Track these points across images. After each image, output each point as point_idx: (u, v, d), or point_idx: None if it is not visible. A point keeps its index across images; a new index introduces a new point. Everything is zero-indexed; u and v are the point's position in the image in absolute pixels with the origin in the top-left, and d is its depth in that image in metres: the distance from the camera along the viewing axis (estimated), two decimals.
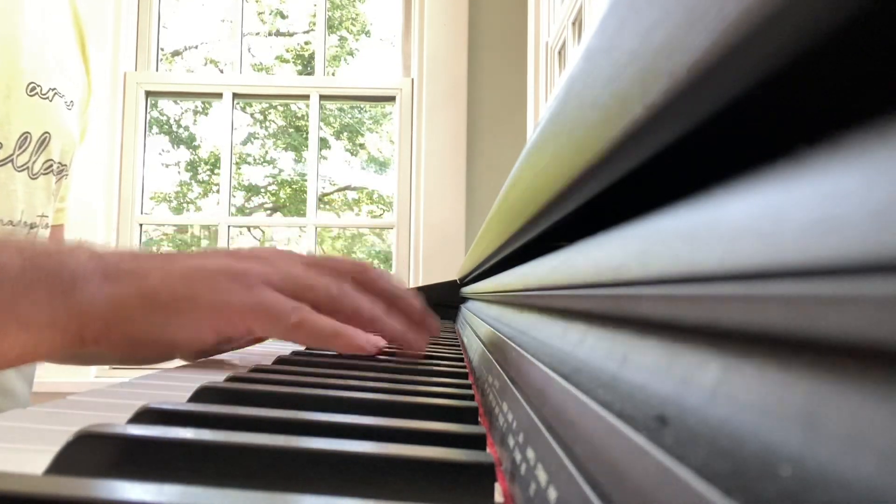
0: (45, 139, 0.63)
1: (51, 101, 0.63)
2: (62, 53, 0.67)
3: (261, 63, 3.88)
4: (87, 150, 1.73)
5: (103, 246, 0.41)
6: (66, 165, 0.68)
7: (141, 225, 1.87)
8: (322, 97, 1.94)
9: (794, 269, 0.07)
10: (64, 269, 0.36)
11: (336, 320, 0.42)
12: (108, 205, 1.79)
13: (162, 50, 2.11)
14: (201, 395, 0.26)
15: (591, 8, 1.24)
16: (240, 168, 3.72)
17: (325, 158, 3.88)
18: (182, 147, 3.94)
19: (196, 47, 3.69)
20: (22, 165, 0.61)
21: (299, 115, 3.82)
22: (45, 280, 0.35)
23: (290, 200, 3.93)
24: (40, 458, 0.18)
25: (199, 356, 0.47)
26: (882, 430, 0.06)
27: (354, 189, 4.09)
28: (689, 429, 0.09)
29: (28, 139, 0.61)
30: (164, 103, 3.60)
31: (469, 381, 0.35)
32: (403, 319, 0.45)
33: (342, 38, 3.93)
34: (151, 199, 3.55)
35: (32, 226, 0.64)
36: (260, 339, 0.53)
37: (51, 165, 0.65)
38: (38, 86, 0.62)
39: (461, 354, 0.51)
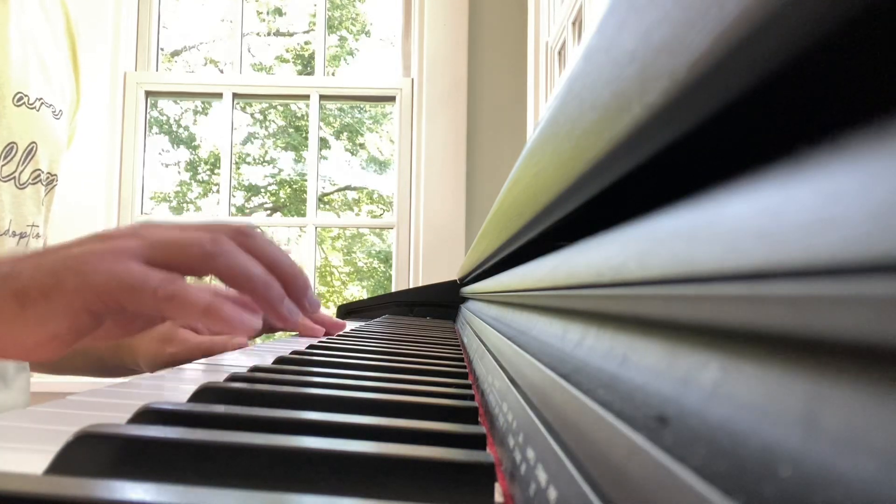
0: (31, 149, 0.63)
1: (38, 110, 0.63)
2: (51, 62, 0.67)
3: (261, 63, 3.88)
4: (86, 150, 1.73)
5: None
6: (55, 175, 0.68)
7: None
8: (322, 97, 1.94)
9: (794, 269, 0.07)
10: None
11: (213, 279, 0.40)
12: (108, 205, 1.79)
13: (162, 50, 2.11)
14: (201, 395, 0.26)
15: (591, 8, 1.24)
16: (240, 168, 3.73)
17: (325, 158, 3.88)
18: (182, 147, 3.95)
19: (196, 47, 3.69)
20: (8, 175, 0.62)
21: (299, 115, 3.82)
22: None
23: (290, 200, 3.94)
24: (40, 458, 0.18)
25: (127, 335, 0.46)
26: (882, 430, 0.06)
27: (354, 189, 4.09)
28: (689, 429, 0.09)
29: (14, 149, 0.61)
30: (164, 103, 3.60)
31: (469, 381, 0.35)
32: (283, 288, 0.42)
33: (342, 38, 3.93)
34: (151, 198, 3.55)
35: (22, 235, 0.65)
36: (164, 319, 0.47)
37: (38, 175, 0.65)
38: (25, 96, 0.62)
39: (461, 354, 0.51)
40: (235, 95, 1.95)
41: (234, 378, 0.31)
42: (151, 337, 0.63)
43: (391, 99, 1.93)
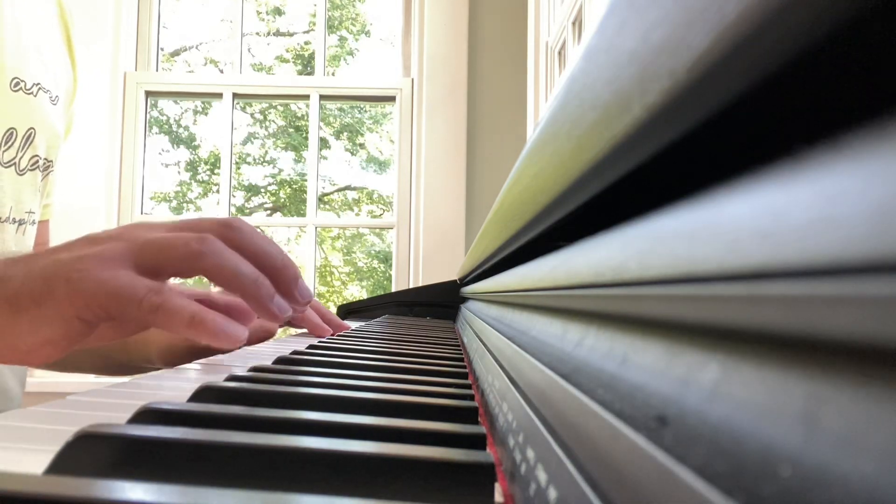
0: (30, 134, 0.63)
1: (35, 95, 0.63)
2: (46, 48, 0.67)
3: (261, 63, 3.88)
4: (87, 150, 1.73)
5: None
6: (51, 161, 0.68)
7: None
8: (322, 97, 1.94)
9: (794, 269, 0.07)
10: None
11: (202, 278, 0.40)
12: (108, 205, 1.79)
13: (162, 50, 2.11)
14: (201, 395, 0.26)
15: (591, 8, 1.24)
16: (240, 168, 3.73)
17: (325, 158, 3.89)
18: (182, 147, 3.95)
19: (196, 47, 3.69)
20: (9, 161, 0.62)
21: (299, 115, 3.82)
22: None
23: (290, 200, 3.94)
24: (40, 458, 0.18)
25: (117, 338, 0.45)
26: (882, 430, 0.06)
27: (354, 189, 4.09)
28: (689, 429, 0.09)
29: (14, 135, 0.61)
30: (164, 103, 3.60)
31: (469, 381, 0.35)
32: (272, 282, 0.42)
33: (342, 38, 3.93)
34: (151, 198, 3.56)
35: (21, 222, 0.65)
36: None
37: (37, 161, 0.65)
38: (22, 81, 0.62)
39: (461, 354, 0.51)
40: (235, 95, 1.95)
41: (233, 378, 0.31)
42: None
43: (391, 99, 1.93)
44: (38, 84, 0.64)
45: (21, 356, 0.38)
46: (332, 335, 0.63)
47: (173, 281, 0.41)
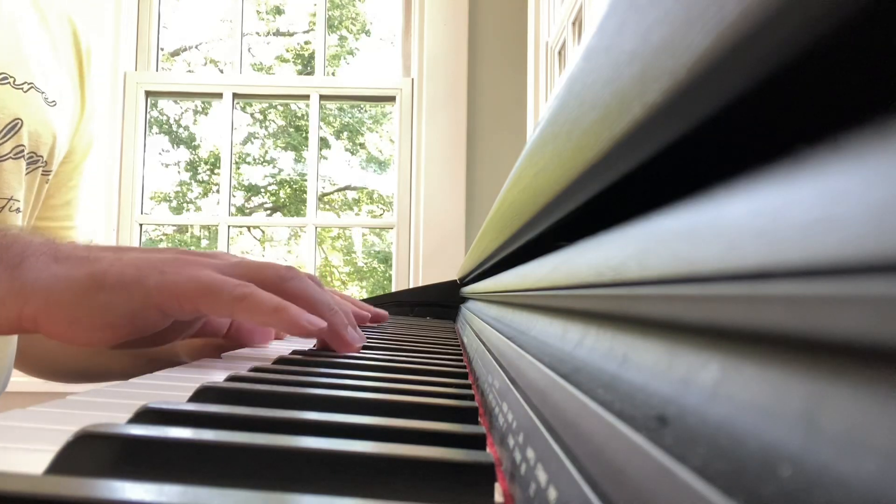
0: (15, 125, 0.65)
1: (25, 92, 0.65)
2: (48, 62, 0.69)
3: (261, 63, 3.88)
4: None
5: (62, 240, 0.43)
6: (40, 157, 0.69)
7: (141, 225, 1.87)
8: (322, 97, 1.94)
9: (794, 269, 0.07)
10: (14, 246, 0.38)
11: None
12: (108, 205, 1.79)
13: (162, 50, 2.10)
14: (201, 395, 0.26)
15: (591, 8, 1.24)
16: (240, 168, 3.72)
17: (325, 158, 3.88)
18: (182, 147, 3.94)
19: (196, 47, 3.69)
20: None
21: (299, 114, 3.82)
22: None
23: (290, 200, 3.93)
24: (40, 458, 0.18)
25: (155, 344, 0.47)
26: (882, 430, 0.06)
27: (354, 189, 4.09)
28: (689, 429, 0.09)
29: None
30: (164, 103, 3.60)
31: (469, 381, 0.35)
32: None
33: (342, 38, 3.93)
34: (151, 198, 3.55)
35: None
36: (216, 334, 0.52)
37: (21, 151, 0.66)
38: (11, 77, 0.64)
39: (461, 354, 0.51)
40: (235, 95, 1.95)
41: (234, 378, 0.31)
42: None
43: (391, 99, 1.93)
44: (31, 84, 0.65)
45: (76, 332, 0.38)
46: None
47: None
